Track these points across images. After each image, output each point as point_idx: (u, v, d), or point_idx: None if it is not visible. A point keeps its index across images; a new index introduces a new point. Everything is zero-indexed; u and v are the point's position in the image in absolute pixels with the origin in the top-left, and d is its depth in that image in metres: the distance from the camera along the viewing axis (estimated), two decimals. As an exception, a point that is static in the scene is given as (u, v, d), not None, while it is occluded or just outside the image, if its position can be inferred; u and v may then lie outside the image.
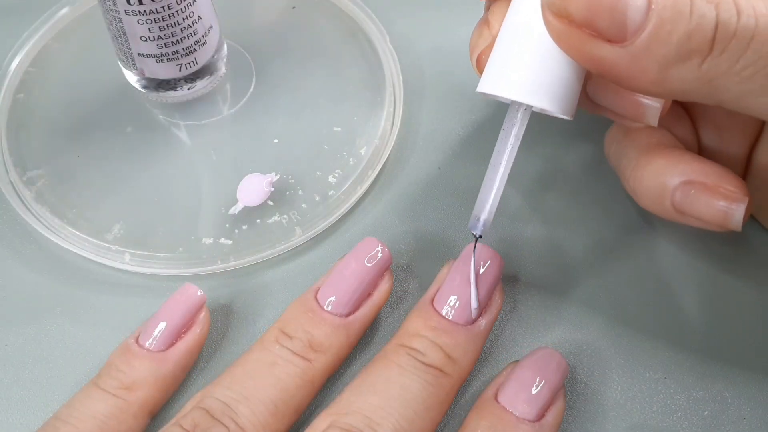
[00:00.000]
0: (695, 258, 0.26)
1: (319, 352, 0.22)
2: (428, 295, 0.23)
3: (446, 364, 0.22)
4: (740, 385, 0.24)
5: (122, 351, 0.22)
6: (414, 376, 0.21)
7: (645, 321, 0.25)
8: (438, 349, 0.22)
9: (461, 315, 0.22)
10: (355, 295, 0.23)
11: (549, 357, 0.22)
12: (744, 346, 0.24)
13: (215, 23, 0.27)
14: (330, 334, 0.22)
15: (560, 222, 0.27)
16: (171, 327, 0.22)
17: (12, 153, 0.28)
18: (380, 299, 0.23)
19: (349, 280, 0.23)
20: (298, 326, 0.22)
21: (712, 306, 0.25)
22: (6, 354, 0.24)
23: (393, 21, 0.31)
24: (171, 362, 0.22)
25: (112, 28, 0.26)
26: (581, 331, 0.25)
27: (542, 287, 0.25)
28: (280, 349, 0.22)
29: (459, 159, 0.28)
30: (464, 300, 0.22)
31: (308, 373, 0.22)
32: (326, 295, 0.23)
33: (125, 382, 0.22)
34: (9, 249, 0.26)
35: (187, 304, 0.23)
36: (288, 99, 0.29)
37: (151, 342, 0.22)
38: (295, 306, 0.23)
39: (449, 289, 0.23)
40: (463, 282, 0.22)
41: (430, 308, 0.23)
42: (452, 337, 0.22)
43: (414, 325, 0.22)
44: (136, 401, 0.21)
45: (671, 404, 0.23)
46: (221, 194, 0.27)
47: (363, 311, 0.23)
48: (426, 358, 0.21)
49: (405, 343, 0.22)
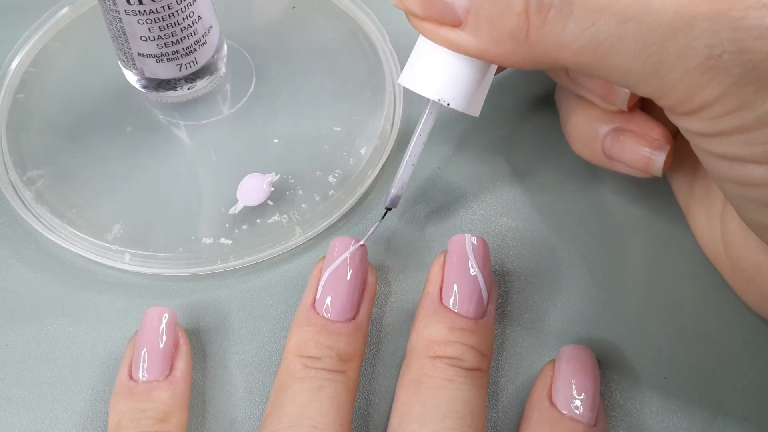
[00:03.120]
0: (695, 258, 0.26)
1: (349, 361, 0.22)
2: (433, 294, 0.23)
3: (482, 361, 0.22)
4: (740, 385, 0.24)
5: (129, 393, 0.22)
6: (466, 385, 0.21)
7: (645, 321, 0.25)
8: (473, 350, 0.22)
9: (477, 309, 0.22)
10: (355, 297, 0.23)
11: (589, 357, 0.22)
12: (744, 346, 0.24)
13: (215, 23, 0.27)
14: (351, 341, 0.22)
15: (558, 219, 0.27)
16: (164, 350, 0.22)
17: (12, 153, 0.28)
18: (372, 292, 0.24)
19: (344, 285, 0.23)
20: (320, 344, 0.22)
21: (712, 306, 0.25)
22: (6, 354, 0.24)
23: (393, 21, 0.31)
24: (182, 382, 0.22)
25: (112, 28, 0.26)
26: (581, 331, 0.25)
27: (539, 285, 0.25)
28: (317, 372, 0.21)
29: (459, 159, 0.28)
30: (475, 294, 0.22)
31: (350, 384, 0.22)
32: (327, 306, 0.23)
33: (158, 416, 0.21)
34: (9, 249, 0.26)
35: (164, 325, 0.23)
36: (288, 99, 0.29)
37: (153, 372, 0.22)
38: (302, 327, 0.23)
39: (455, 285, 0.23)
40: (466, 275, 0.23)
41: (444, 309, 0.22)
42: (478, 334, 0.22)
43: (437, 330, 0.22)
44: (176, 428, 0.21)
45: (671, 404, 0.23)
46: (221, 194, 0.27)
47: (365, 308, 0.23)
48: (467, 363, 0.21)
49: (440, 353, 0.22)
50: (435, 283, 0.23)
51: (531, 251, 0.26)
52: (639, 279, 0.26)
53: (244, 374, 0.24)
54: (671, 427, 0.23)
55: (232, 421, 0.23)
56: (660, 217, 0.27)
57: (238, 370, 0.24)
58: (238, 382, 0.24)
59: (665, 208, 0.27)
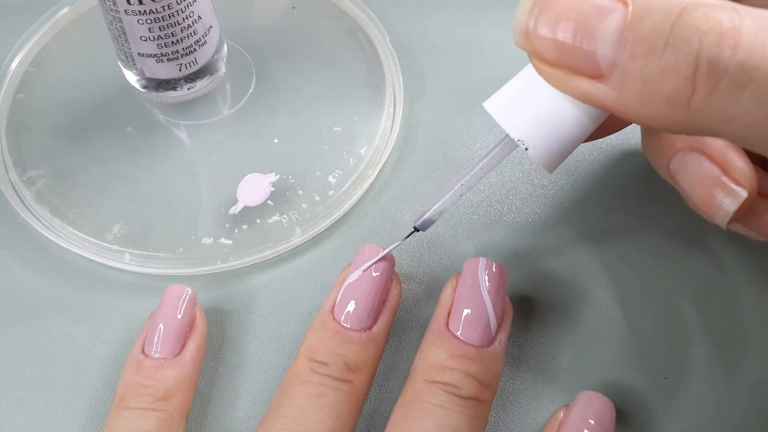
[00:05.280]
0: (694, 258, 0.26)
1: (357, 371, 0.22)
2: (440, 318, 0.22)
3: (481, 391, 0.21)
4: (740, 384, 0.24)
5: (136, 367, 0.22)
6: (457, 413, 0.20)
7: (645, 321, 0.25)
8: (471, 379, 0.21)
9: (483, 337, 0.22)
10: (373, 306, 0.22)
11: (605, 405, 0.21)
12: (744, 346, 0.24)
13: (215, 23, 0.27)
14: (362, 351, 0.22)
15: (554, 223, 0.27)
16: (176, 329, 0.22)
17: (12, 153, 0.28)
18: (394, 304, 0.23)
19: (363, 293, 0.22)
20: (329, 351, 0.22)
21: (711, 306, 0.25)
22: (6, 354, 0.24)
23: (393, 21, 0.31)
24: (190, 363, 0.22)
25: (112, 28, 0.26)
26: (581, 331, 0.25)
27: (538, 289, 0.25)
28: (320, 378, 0.21)
29: (459, 159, 0.28)
30: (482, 321, 0.22)
31: (354, 394, 0.21)
32: (345, 313, 0.22)
33: (158, 395, 0.21)
34: (9, 249, 0.26)
35: (183, 303, 0.23)
36: (288, 99, 0.29)
37: (162, 349, 0.22)
38: (317, 331, 0.22)
39: (464, 311, 0.22)
40: (478, 301, 0.22)
41: (448, 334, 0.22)
42: (480, 363, 0.21)
43: (437, 356, 0.21)
44: (176, 409, 0.21)
45: (671, 404, 0.23)
46: (221, 194, 0.27)
47: (383, 319, 0.23)
48: (462, 391, 0.21)
49: (436, 378, 0.21)
50: (444, 307, 0.23)
51: (525, 255, 0.26)
52: (639, 279, 0.26)
53: (244, 374, 0.24)
54: (671, 427, 0.23)
55: (231, 421, 0.23)
56: (667, 238, 0.27)
57: (239, 370, 0.24)
58: (237, 382, 0.24)
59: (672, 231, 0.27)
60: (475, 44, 0.31)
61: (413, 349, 0.23)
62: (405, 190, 0.28)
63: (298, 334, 0.25)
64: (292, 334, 0.25)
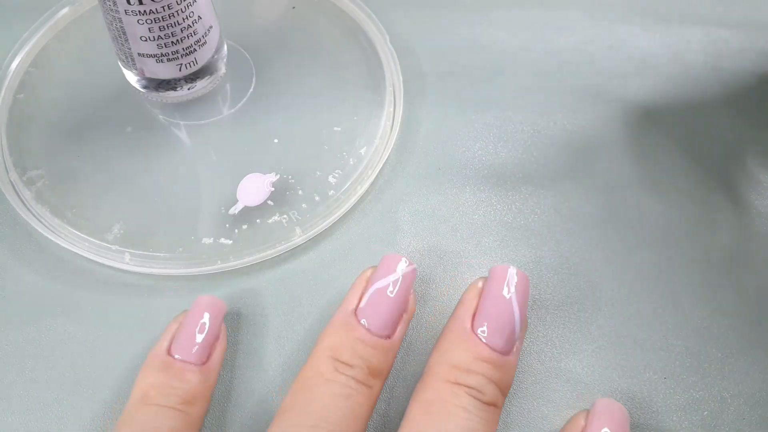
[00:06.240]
0: (693, 257, 0.26)
1: (377, 377, 0.22)
2: (464, 319, 0.22)
3: (499, 398, 0.21)
4: (740, 385, 0.24)
5: (165, 366, 0.22)
6: (479, 419, 0.20)
7: (645, 321, 0.25)
8: (493, 385, 0.21)
9: (506, 345, 0.22)
10: (396, 316, 0.22)
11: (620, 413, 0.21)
12: (744, 346, 0.24)
13: (215, 23, 0.27)
14: (383, 359, 0.22)
15: (555, 223, 0.27)
16: (210, 339, 0.22)
17: (12, 153, 0.28)
18: (410, 316, 0.23)
19: (391, 303, 0.22)
20: (354, 353, 0.22)
21: (711, 305, 0.25)
22: (6, 354, 0.24)
23: (393, 21, 0.31)
24: (214, 372, 0.22)
25: (112, 28, 0.26)
26: (581, 330, 0.25)
27: (538, 288, 0.25)
28: (347, 379, 0.21)
29: (459, 159, 0.28)
30: (508, 329, 0.22)
31: (371, 399, 0.21)
32: (370, 318, 0.22)
33: (185, 397, 0.21)
34: (9, 249, 0.26)
35: (217, 316, 0.23)
36: (288, 99, 0.29)
37: (193, 354, 0.22)
38: (341, 330, 0.22)
39: (493, 318, 0.22)
40: (508, 311, 0.22)
41: (474, 337, 0.22)
42: (501, 370, 0.21)
43: (462, 357, 0.21)
44: (197, 414, 0.21)
45: (671, 404, 0.23)
46: (221, 194, 0.27)
47: (401, 330, 0.23)
48: (486, 396, 0.21)
49: (461, 381, 0.21)
50: (468, 309, 0.22)
51: (530, 249, 0.26)
52: (639, 279, 0.26)
53: (244, 374, 0.24)
54: (671, 427, 0.23)
55: (231, 421, 0.23)
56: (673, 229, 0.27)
57: (239, 370, 0.24)
58: (238, 382, 0.24)
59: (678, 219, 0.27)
60: (475, 44, 0.31)
61: (410, 350, 0.23)
62: (405, 190, 0.28)
63: (298, 333, 0.25)
64: (292, 333, 0.25)
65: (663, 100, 0.30)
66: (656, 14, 0.32)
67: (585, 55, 0.31)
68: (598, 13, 0.32)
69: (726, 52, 0.31)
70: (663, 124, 0.29)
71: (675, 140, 0.29)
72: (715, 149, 0.28)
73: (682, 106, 0.29)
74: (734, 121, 0.29)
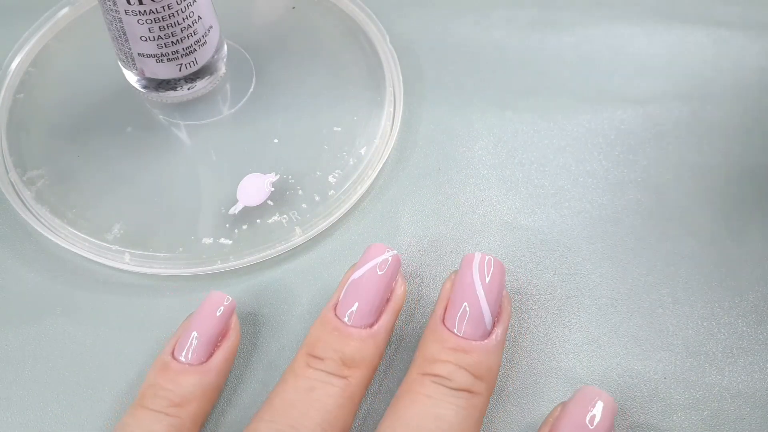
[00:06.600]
0: (693, 257, 0.26)
1: (353, 368, 0.22)
2: (437, 313, 0.22)
3: (474, 383, 0.21)
4: (740, 385, 0.24)
5: (162, 369, 0.22)
6: (445, 403, 0.21)
7: (645, 320, 0.25)
8: (463, 371, 0.21)
9: (476, 331, 0.22)
10: (375, 305, 0.22)
11: (605, 401, 0.21)
12: (744, 346, 0.24)
13: (215, 23, 0.27)
14: (360, 348, 0.22)
15: (555, 222, 0.27)
16: (208, 337, 0.22)
17: (12, 153, 0.28)
18: (398, 304, 0.23)
19: (366, 291, 0.22)
20: (327, 346, 0.22)
21: (711, 305, 0.25)
22: (6, 354, 0.24)
23: (393, 21, 0.31)
24: (214, 372, 0.22)
25: (112, 28, 0.26)
26: (581, 330, 0.25)
27: (538, 287, 0.25)
28: (314, 372, 0.21)
29: (459, 159, 0.28)
30: (476, 314, 0.22)
31: (347, 390, 0.21)
32: (347, 310, 0.22)
33: (175, 400, 0.21)
34: (9, 249, 0.26)
35: (219, 313, 0.23)
36: (288, 99, 0.29)
37: (191, 355, 0.22)
38: (318, 327, 0.22)
39: (458, 305, 0.22)
40: (471, 295, 0.22)
41: (442, 328, 0.22)
42: (473, 356, 0.21)
43: (431, 349, 0.22)
44: (189, 416, 0.21)
45: (671, 404, 0.23)
46: (221, 194, 0.27)
47: (385, 318, 0.23)
48: (453, 383, 0.21)
49: (428, 371, 0.21)
50: (442, 302, 0.23)
51: (530, 252, 0.26)
52: (639, 279, 0.26)
53: (243, 375, 0.24)
54: (671, 427, 0.23)
55: (231, 420, 0.23)
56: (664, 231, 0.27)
57: (238, 370, 0.24)
58: (238, 382, 0.24)
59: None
60: (475, 44, 0.31)
61: (413, 348, 0.23)
62: (405, 190, 0.28)
63: (298, 334, 0.25)
64: (292, 334, 0.25)
65: (663, 100, 0.30)
66: (656, 14, 0.32)
67: (585, 55, 0.31)
68: (598, 13, 0.32)
69: (726, 52, 0.31)
70: (663, 124, 0.29)
71: (675, 140, 0.29)
72: (715, 149, 0.28)
73: (682, 106, 0.29)
74: (734, 120, 0.29)
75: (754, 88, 0.30)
